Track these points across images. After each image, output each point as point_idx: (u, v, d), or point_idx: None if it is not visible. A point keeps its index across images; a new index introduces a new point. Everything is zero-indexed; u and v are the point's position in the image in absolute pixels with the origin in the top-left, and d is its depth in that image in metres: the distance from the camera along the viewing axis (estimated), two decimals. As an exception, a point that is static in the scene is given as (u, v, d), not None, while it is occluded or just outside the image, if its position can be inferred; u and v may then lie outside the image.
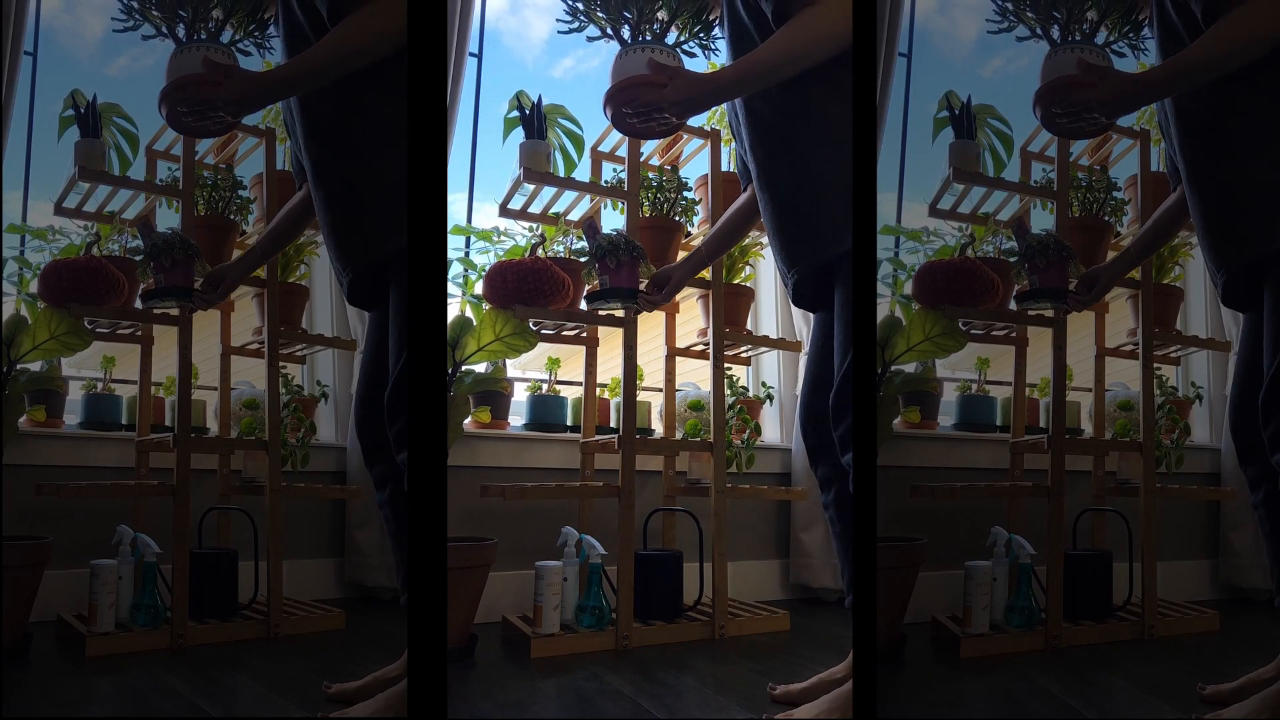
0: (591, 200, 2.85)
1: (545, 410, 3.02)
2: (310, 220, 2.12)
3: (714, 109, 2.97)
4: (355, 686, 2.05)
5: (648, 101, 1.80)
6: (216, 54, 1.93)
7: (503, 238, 2.82)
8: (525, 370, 3.19)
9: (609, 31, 2.00)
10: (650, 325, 2.99)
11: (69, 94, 2.70)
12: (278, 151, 2.75)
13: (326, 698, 2.05)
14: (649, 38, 1.98)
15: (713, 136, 2.85)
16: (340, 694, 2.05)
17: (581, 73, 3.28)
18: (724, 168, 2.85)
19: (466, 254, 2.92)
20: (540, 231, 2.82)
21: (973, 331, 2.69)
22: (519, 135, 2.74)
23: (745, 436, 2.94)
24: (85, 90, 2.66)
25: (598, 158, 2.86)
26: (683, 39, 2.03)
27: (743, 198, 2.17)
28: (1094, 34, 2.03)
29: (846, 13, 1.76)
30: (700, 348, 2.94)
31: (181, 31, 1.98)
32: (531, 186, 2.77)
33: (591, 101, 2.62)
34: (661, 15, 1.99)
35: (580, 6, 2.01)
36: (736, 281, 2.97)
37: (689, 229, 2.87)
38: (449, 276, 2.77)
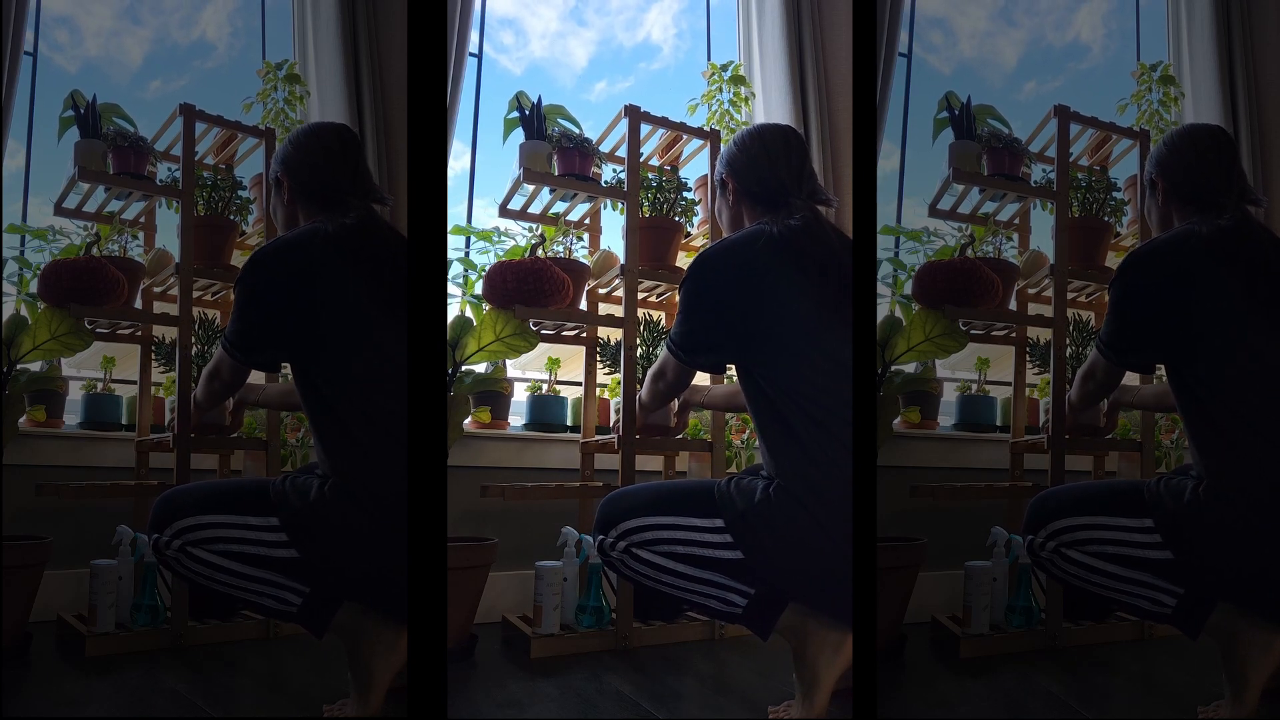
0: (591, 201, 2.86)
1: (545, 410, 3.02)
2: None
3: (713, 112, 2.98)
4: None
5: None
6: None
7: (503, 238, 2.82)
8: (525, 370, 3.19)
9: None
10: (650, 325, 2.98)
11: (69, 94, 2.71)
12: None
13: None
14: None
15: (712, 137, 2.85)
16: None
17: (615, 94, 3.64)
18: (724, 168, 2.85)
19: (466, 254, 2.92)
20: (540, 231, 2.82)
21: (973, 331, 2.69)
22: (519, 135, 2.75)
23: (745, 436, 2.94)
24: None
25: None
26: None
27: None
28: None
29: None
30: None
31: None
32: (531, 187, 2.77)
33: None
34: None
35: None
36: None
37: (688, 229, 2.87)
38: (449, 276, 2.77)
